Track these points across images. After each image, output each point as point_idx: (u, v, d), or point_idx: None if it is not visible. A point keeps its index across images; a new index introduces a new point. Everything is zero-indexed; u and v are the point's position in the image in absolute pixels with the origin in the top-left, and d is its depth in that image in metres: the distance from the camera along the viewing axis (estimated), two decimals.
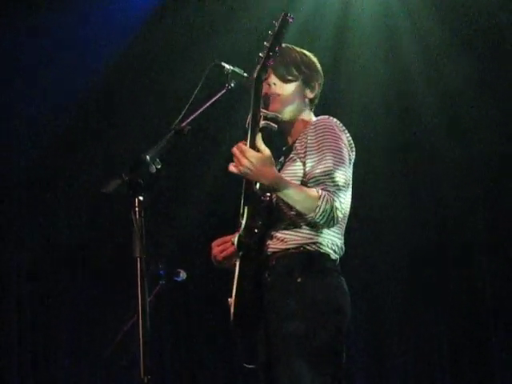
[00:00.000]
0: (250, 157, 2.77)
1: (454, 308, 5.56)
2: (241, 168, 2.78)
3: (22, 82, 5.57)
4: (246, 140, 2.86)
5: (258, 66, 2.92)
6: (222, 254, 3.11)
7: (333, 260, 2.99)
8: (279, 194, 2.86)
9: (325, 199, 2.82)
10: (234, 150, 2.80)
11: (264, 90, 3.02)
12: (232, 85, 3.00)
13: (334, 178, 2.88)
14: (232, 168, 2.81)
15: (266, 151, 2.82)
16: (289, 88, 3.10)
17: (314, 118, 3.11)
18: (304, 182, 2.94)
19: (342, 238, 3.04)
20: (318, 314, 2.85)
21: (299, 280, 2.89)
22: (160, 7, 5.71)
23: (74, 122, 5.74)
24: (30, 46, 5.50)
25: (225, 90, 2.99)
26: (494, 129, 5.47)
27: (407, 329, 5.64)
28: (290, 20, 2.91)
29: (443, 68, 5.57)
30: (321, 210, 2.81)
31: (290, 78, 3.10)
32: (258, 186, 2.97)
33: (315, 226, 2.91)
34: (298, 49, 3.16)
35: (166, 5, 5.71)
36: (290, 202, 2.86)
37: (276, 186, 2.83)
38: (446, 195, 5.72)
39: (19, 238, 5.61)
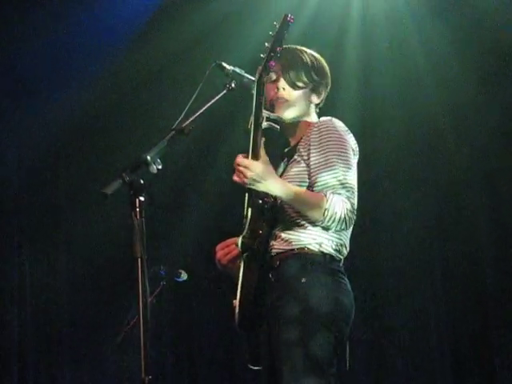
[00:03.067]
0: (255, 169, 2.81)
1: (456, 303, 5.55)
2: (246, 181, 2.82)
3: (21, 83, 5.57)
4: (249, 141, 2.89)
5: (260, 67, 2.94)
6: (227, 258, 3.10)
7: (337, 261, 2.99)
8: (286, 201, 2.89)
9: (333, 202, 2.83)
10: (236, 164, 2.84)
11: (271, 94, 3.04)
12: (233, 85, 3.00)
13: (341, 180, 2.89)
14: (237, 179, 2.86)
15: (267, 160, 2.87)
16: (297, 94, 3.09)
17: (316, 120, 3.11)
18: (309, 184, 2.95)
19: (348, 238, 3.04)
20: (321, 315, 2.85)
21: (303, 280, 2.89)
22: (162, 8, 5.71)
23: (75, 123, 5.74)
24: (30, 47, 5.51)
25: (226, 91, 3.00)
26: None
27: (407, 326, 5.64)
28: (291, 21, 2.93)
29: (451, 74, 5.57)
30: (329, 214, 2.83)
31: (299, 85, 3.09)
32: None
33: (329, 229, 2.91)
34: (309, 51, 3.15)
35: (167, 6, 5.72)
36: (297, 207, 2.89)
37: (282, 194, 2.86)
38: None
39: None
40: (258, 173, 2.81)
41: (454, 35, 5.49)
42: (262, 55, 2.95)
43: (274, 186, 2.85)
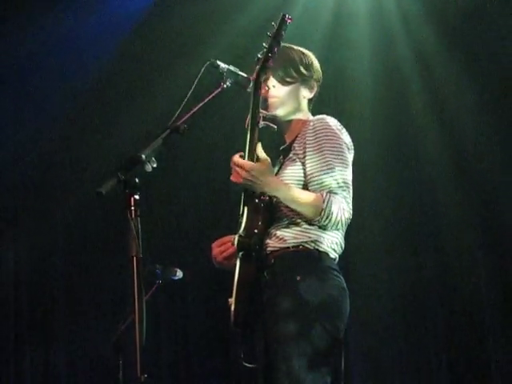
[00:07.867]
0: (250, 170, 2.83)
1: (452, 307, 5.56)
2: (242, 181, 2.85)
3: (16, 80, 5.58)
4: (245, 141, 2.90)
5: (257, 67, 2.95)
6: (222, 255, 3.12)
7: (332, 258, 2.99)
8: (283, 201, 2.89)
9: (329, 202, 2.84)
10: (232, 164, 2.86)
11: (263, 93, 3.03)
12: (227, 83, 3.00)
13: (338, 180, 2.90)
14: (233, 179, 2.88)
15: (266, 161, 2.88)
16: (287, 90, 3.10)
17: (311, 117, 3.12)
18: (305, 183, 2.96)
19: (343, 236, 3.05)
20: (316, 312, 2.86)
21: (298, 278, 2.89)
22: (155, 6, 5.72)
23: (69, 120, 5.74)
24: (24, 44, 5.51)
25: (220, 89, 3.00)
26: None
27: (404, 328, 5.64)
28: (289, 21, 2.94)
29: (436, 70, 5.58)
30: (326, 213, 2.84)
31: (288, 80, 3.10)
32: None
33: (325, 229, 2.93)
34: (296, 48, 3.16)
35: (161, 4, 5.72)
36: (295, 208, 2.90)
37: (279, 194, 2.88)
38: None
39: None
40: (253, 174, 2.83)
41: (442, 33, 5.50)
42: (259, 55, 2.96)
43: (271, 186, 2.87)
